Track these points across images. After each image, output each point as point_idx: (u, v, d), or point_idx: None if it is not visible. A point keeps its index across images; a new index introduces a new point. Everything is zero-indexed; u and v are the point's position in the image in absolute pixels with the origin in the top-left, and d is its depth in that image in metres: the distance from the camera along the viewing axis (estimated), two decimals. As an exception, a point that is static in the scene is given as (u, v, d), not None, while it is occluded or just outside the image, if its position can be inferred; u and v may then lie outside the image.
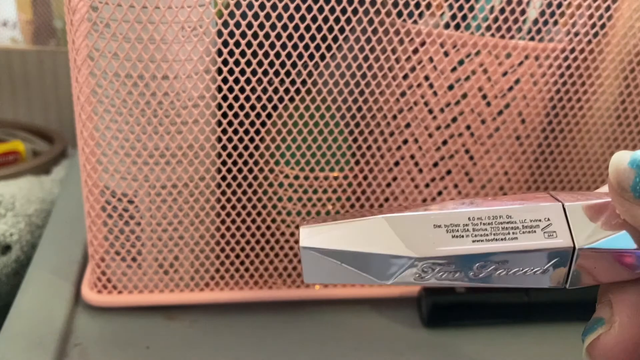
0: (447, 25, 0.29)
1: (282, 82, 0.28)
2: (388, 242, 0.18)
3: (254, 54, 0.27)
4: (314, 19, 0.27)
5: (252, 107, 0.28)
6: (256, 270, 0.33)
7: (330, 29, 0.27)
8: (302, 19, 0.27)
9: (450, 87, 0.30)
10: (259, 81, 0.28)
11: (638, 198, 0.16)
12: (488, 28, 0.29)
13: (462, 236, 0.18)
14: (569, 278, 0.18)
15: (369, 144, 0.31)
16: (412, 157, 0.32)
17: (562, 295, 0.34)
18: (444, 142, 0.31)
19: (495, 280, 0.18)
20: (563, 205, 0.18)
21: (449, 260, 0.18)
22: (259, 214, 0.32)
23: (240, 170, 0.30)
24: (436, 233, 0.18)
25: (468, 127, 0.31)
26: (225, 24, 0.27)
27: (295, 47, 0.27)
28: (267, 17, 0.27)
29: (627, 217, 0.17)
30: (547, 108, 0.32)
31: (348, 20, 0.28)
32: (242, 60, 0.27)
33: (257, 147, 0.30)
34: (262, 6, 0.26)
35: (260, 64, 0.28)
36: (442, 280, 0.18)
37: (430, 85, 0.30)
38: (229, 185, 0.31)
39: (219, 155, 0.30)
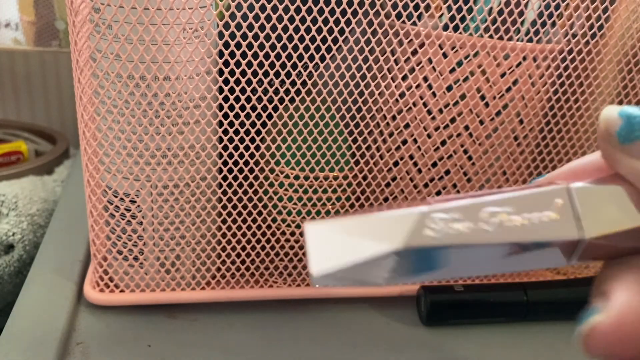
0: (445, 27, 0.29)
1: (282, 83, 0.29)
2: (394, 211, 0.17)
3: (255, 55, 0.28)
4: (314, 21, 0.27)
5: (253, 108, 0.29)
6: (256, 269, 0.34)
7: (330, 31, 0.28)
8: (302, 20, 0.27)
9: (449, 88, 0.30)
10: (260, 82, 0.28)
11: (622, 143, 0.17)
12: (486, 29, 0.30)
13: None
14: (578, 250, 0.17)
15: (368, 144, 0.32)
16: (411, 157, 0.32)
17: (560, 294, 0.34)
18: (443, 143, 0.32)
19: (507, 233, 0.17)
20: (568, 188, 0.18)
21: (456, 209, 0.17)
22: (259, 213, 0.32)
23: (240, 170, 0.30)
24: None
25: (467, 128, 0.31)
26: (227, 26, 0.27)
27: (295, 48, 0.28)
28: (268, 18, 0.27)
29: (613, 164, 0.18)
30: (545, 109, 0.32)
31: (348, 22, 0.28)
32: (243, 62, 0.28)
33: (257, 148, 0.30)
34: (262, 8, 0.27)
35: (260, 65, 0.28)
36: (456, 239, 0.16)
37: (429, 86, 0.30)
38: (229, 185, 0.31)
39: (220, 156, 0.30)
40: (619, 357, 0.17)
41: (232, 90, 0.28)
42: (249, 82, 0.28)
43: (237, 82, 0.28)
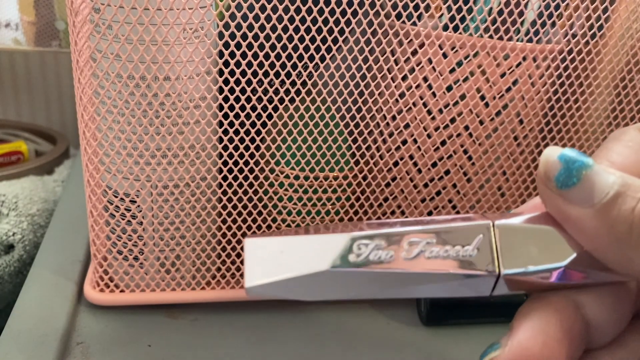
0: (445, 27, 0.29)
1: (282, 83, 0.29)
2: (326, 235, 0.18)
3: (255, 55, 0.28)
4: (314, 21, 0.27)
5: (253, 108, 0.29)
6: (257, 270, 0.34)
7: (330, 31, 0.28)
8: (302, 20, 0.27)
9: (449, 88, 0.30)
10: (260, 82, 0.28)
11: (559, 188, 0.17)
12: (486, 29, 0.30)
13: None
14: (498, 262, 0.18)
15: (368, 144, 0.32)
16: (411, 157, 0.32)
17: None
18: (443, 143, 0.32)
19: (424, 263, 0.18)
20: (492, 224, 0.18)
21: (380, 236, 0.18)
22: (259, 213, 0.32)
23: (240, 170, 0.30)
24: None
25: (466, 128, 0.31)
26: (227, 26, 0.28)
27: (295, 48, 0.28)
28: (268, 18, 0.27)
29: (549, 207, 0.18)
30: (545, 109, 0.32)
31: (347, 22, 0.28)
32: (243, 62, 0.28)
33: (257, 148, 0.30)
34: (262, 8, 0.27)
35: (260, 65, 0.28)
36: (378, 264, 0.18)
37: (429, 87, 0.30)
38: (229, 185, 0.31)
39: (220, 156, 0.30)
40: None
41: (232, 90, 0.28)
42: (249, 82, 0.28)
43: (237, 82, 0.28)
